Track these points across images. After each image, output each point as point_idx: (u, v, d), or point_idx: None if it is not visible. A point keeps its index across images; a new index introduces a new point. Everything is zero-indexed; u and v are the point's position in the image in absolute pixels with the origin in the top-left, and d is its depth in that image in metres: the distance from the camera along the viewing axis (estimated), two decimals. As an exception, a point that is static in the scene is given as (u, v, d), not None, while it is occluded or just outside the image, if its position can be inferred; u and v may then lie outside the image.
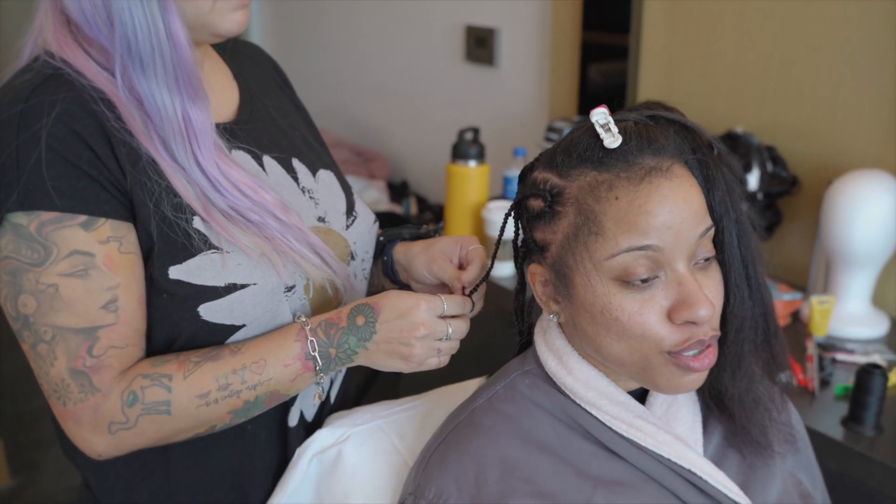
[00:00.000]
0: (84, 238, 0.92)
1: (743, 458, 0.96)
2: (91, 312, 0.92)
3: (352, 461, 1.05)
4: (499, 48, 2.71)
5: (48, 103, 0.91)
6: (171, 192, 0.96)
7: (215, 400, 0.96)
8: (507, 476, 0.88)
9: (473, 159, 2.10)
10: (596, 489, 0.88)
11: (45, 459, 2.84)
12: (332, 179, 1.17)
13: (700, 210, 0.85)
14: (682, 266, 0.84)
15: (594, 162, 0.85)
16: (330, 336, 0.99)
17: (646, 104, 0.91)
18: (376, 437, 1.07)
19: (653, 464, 0.90)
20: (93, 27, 0.95)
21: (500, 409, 0.94)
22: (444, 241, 1.15)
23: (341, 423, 1.08)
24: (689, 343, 0.84)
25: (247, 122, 1.10)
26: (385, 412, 1.11)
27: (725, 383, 0.93)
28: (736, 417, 0.95)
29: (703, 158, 0.87)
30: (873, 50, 1.81)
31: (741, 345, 0.91)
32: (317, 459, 1.06)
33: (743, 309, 0.89)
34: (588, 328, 0.88)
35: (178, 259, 0.96)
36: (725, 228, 0.87)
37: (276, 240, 1.00)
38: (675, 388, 0.88)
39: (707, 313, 0.83)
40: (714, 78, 2.11)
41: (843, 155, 1.89)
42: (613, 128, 0.85)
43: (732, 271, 0.88)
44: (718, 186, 0.87)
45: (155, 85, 0.95)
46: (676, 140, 0.87)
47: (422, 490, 0.90)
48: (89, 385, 0.92)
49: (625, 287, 0.84)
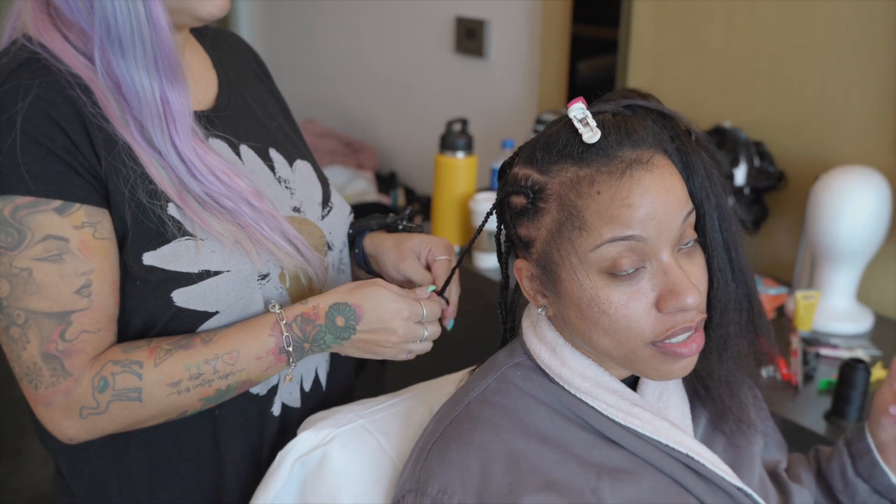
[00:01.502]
0: (58, 223, 0.91)
1: (728, 440, 0.98)
2: (64, 297, 0.92)
3: (338, 462, 1.03)
4: (489, 40, 2.71)
5: (24, 88, 0.91)
6: (147, 179, 0.96)
7: (186, 388, 0.96)
8: (513, 469, 0.87)
9: (461, 150, 2.10)
10: (601, 476, 0.88)
11: (30, 448, 2.83)
12: (309, 170, 1.17)
13: (682, 197, 0.85)
14: (666, 255, 0.85)
15: (574, 157, 0.85)
16: (306, 332, 1.00)
17: (621, 92, 0.91)
18: (361, 436, 1.06)
19: (650, 450, 0.91)
20: (72, 9, 0.94)
21: (497, 401, 0.93)
22: (415, 240, 1.16)
23: (323, 425, 1.06)
24: (673, 330, 0.85)
25: (224, 110, 1.10)
26: (366, 411, 1.09)
27: (712, 365, 0.94)
28: (724, 399, 0.96)
29: (681, 146, 0.87)
30: (861, 47, 1.81)
31: (727, 327, 0.91)
32: (300, 463, 1.04)
33: (727, 292, 0.90)
34: (577, 322, 0.89)
35: (152, 245, 0.96)
36: (707, 213, 0.88)
37: (249, 227, 1.00)
38: (665, 376, 0.88)
39: (694, 300, 0.83)
40: (702, 73, 2.11)
41: (830, 151, 1.89)
42: (591, 122, 0.85)
43: (715, 255, 0.89)
44: (698, 172, 0.87)
45: (134, 68, 0.94)
46: (654, 129, 0.87)
47: (423, 486, 0.88)
48: (61, 369, 0.92)
49: (611, 279, 0.85)
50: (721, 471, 0.91)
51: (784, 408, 1.48)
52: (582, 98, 0.88)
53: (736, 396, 0.97)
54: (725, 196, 0.90)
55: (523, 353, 0.97)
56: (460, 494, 0.86)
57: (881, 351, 1.67)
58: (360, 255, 1.22)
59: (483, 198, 2.05)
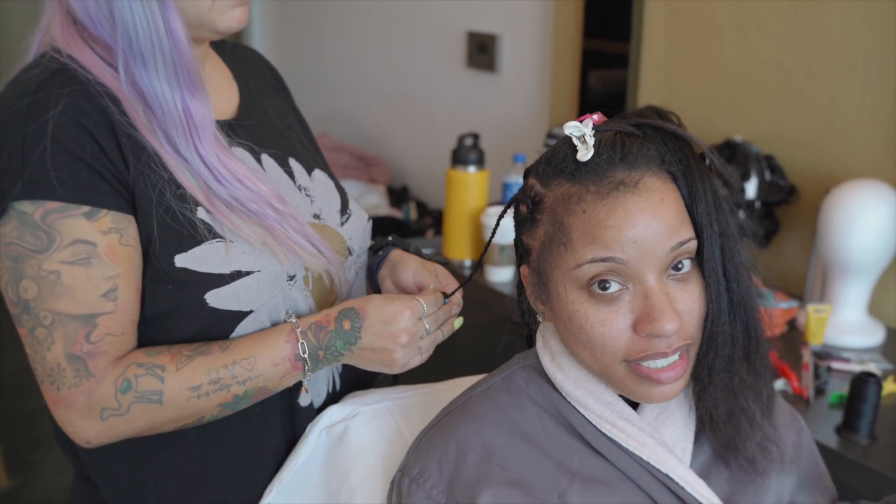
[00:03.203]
0: (87, 228, 0.94)
1: (731, 472, 0.95)
2: (91, 300, 0.94)
3: (356, 437, 1.09)
4: (500, 55, 2.72)
5: (55, 97, 0.94)
6: (175, 184, 0.99)
7: (206, 393, 0.98)
8: (485, 461, 0.90)
9: (473, 165, 2.11)
10: (572, 483, 0.89)
11: (43, 460, 2.84)
12: (327, 180, 1.20)
13: (673, 224, 0.84)
14: (651, 279, 0.84)
15: (567, 173, 0.86)
16: (319, 339, 1.03)
17: (639, 111, 0.90)
18: (382, 417, 1.12)
19: (632, 465, 0.91)
20: (97, 25, 0.98)
21: (494, 398, 0.96)
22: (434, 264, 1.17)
23: (353, 402, 1.13)
24: (646, 353, 0.84)
25: (246, 119, 1.13)
26: (395, 395, 1.16)
27: (699, 395, 0.92)
28: (723, 431, 0.92)
29: (688, 170, 0.85)
30: (872, 60, 1.81)
31: (713, 359, 0.88)
32: (325, 433, 1.10)
33: (718, 323, 0.87)
34: (562, 332, 0.91)
35: (183, 247, 0.99)
36: (707, 241, 0.86)
37: (275, 229, 1.03)
38: (645, 398, 0.88)
39: (672, 328, 0.82)
40: (713, 87, 2.12)
41: (841, 164, 1.89)
42: (589, 140, 0.85)
43: (711, 285, 0.86)
44: (702, 198, 0.85)
45: (156, 80, 0.98)
46: (661, 150, 0.86)
47: (409, 469, 0.93)
48: (84, 370, 0.94)
49: (591, 297, 0.85)
50: (700, 496, 0.89)
51: (795, 421, 1.48)
52: (599, 113, 0.89)
53: (740, 430, 0.92)
54: (733, 226, 0.87)
55: (535, 357, 0.99)
56: (434, 478, 0.91)
57: (893, 364, 1.66)
58: (375, 260, 1.22)
59: (494, 212, 2.05)
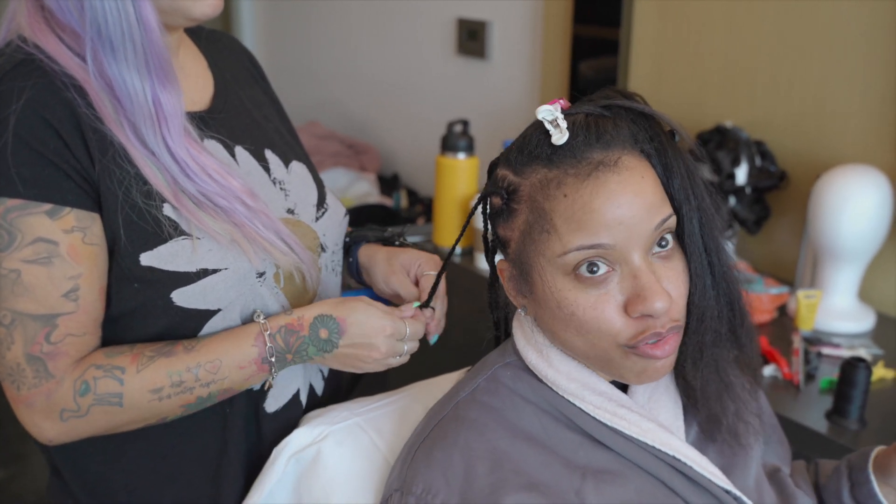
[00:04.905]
0: (49, 226, 0.92)
1: (720, 445, 0.96)
2: (51, 300, 0.92)
3: (331, 460, 1.04)
4: (490, 41, 2.71)
5: (17, 90, 0.91)
6: (141, 180, 0.96)
7: (168, 395, 0.96)
8: (497, 469, 0.87)
9: (462, 151, 2.10)
10: (585, 478, 0.87)
11: (33, 452, 2.83)
12: (305, 172, 1.17)
13: (655, 201, 0.83)
14: (637, 258, 0.83)
15: (543, 159, 0.85)
16: (289, 343, 1.01)
17: (603, 93, 0.89)
18: (355, 434, 1.06)
19: (638, 452, 0.90)
20: (64, 12, 0.94)
21: (485, 401, 0.93)
22: (405, 255, 1.17)
23: (318, 422, 1.07)
24: (643, 336, 0.84)
25: (220, 111, 1.10)
26: (362, 409, 1.10)
27: (688, 373, 0.92)
28: (710, 406, 0.94)
29: (661, 147, 0.85)
30: (862, 46, 1.81)
31: (702, 335, 0.89)
32: (294, 459, 1.05)
33: (705, 298, 0.87)
34: (551, 323, 0.89)
35: (148, 245, 0.96)
36: (686, 217, 0.85)
37: (244, 225, 1.00)
38: (640, 378, 0.87)
39: (663, 306, 0.82)
40: (704, 73, 2.11)
41: (831, 150, 1.89)
42: (562, 123, 0.84)
43: (694, 260, 0.86)
44: (677, 174, 0.85)
45: (125, 69, 0.94)
46: (632, 129, 0.85)
47: (409, 486, 0.88)
48: (44, 371, 0.92)
49: (579, 282, 0.84)
50: (709, 473, 0.90)
51: (785, 407, 1.48)
52: (560, 99, 0.88)
53: (724, 405, 0.94)
54: (708, 199, 0.87)
55: (513, 353, 0.97)
56: (444, 494, 0.86)
57: (883, 350, 1.66)
58: (353, 264, 1.23)
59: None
